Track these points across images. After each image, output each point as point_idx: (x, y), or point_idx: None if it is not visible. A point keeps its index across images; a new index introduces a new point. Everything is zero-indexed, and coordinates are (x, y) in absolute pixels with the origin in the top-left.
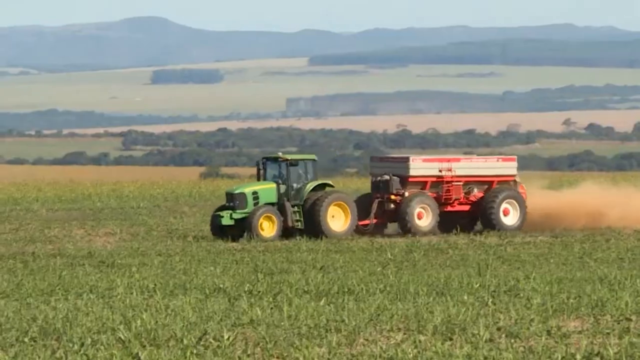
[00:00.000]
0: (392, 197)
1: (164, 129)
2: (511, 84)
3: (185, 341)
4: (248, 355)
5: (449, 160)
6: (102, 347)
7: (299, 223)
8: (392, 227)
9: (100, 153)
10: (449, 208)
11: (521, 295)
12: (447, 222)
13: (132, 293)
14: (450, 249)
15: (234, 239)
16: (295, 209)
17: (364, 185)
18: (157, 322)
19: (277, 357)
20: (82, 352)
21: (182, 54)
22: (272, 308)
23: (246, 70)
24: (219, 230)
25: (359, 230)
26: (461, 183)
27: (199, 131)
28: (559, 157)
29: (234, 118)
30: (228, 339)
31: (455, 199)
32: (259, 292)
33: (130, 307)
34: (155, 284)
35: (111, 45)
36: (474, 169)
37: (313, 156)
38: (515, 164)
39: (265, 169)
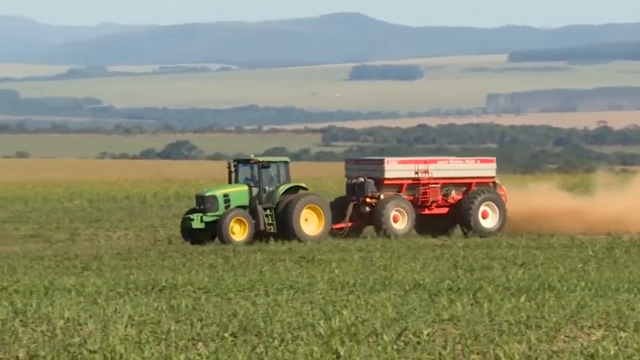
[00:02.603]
0: (368, 200)
1: (364, 124)
2: None
3: (385, 337)
4: (448, 352)
5: (425, 162)
6: (302, 343)
7: (272, 226)
8: (368, 230)
9: (301, 149)
10: (427, 211)
11: None
12: (426, 225)
13: (332, 289)
14: None
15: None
16: (268, 212)
17: (565, 181)
18: (356, 317)
19: (477, 354)
20: (282, 347)
21: (380, 50)
22: (472, 304)
23: (446, 67)
24: (189, 234)
25: (333, 234)
26: (439, 185)
27: (399, 127)
28: None
29: (434, 114)
30: (428, 335)
31: (433, 202)
32: (459, 288)
33: (330, 302)
34: (355, 280)
35: (310, 41)
36: (452, 170)
37: (286, 158)
38: (494, 165)
39: (237, 171)
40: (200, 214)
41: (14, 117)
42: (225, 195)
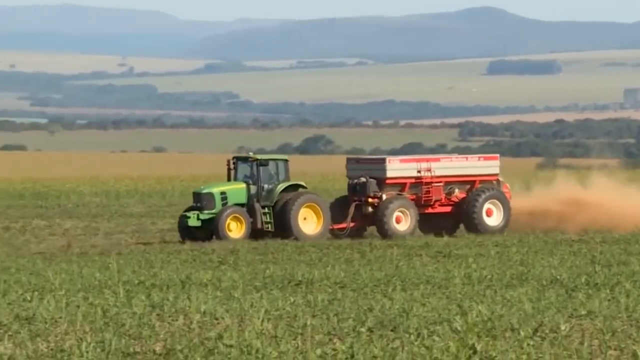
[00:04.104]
0: (370, 199)
1: (501, 119)
2: None
3: (521, 332)
4: (585, 347)
5: (427, 161)
6: (438, 338)
7: (269, 225)
8: (370, 230)
9: (437, 144)
10: (430, 210)
11: None
12: (429, 224)
13: (468, 284)
14: None
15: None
16: (266, 210)
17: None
18: (493, 313)
19: (614, 349)
20: (418, 342)
21: (518, 45)
22: (609, 300)
23: (584, 61)
24: (186, 232)
25: (335, 235)
26: (442, 184)
27: (536, 122)
28: None
29: (572, 109)
30: (565, 330)
31: (436, 201)
32: (597, 283)
33: (467, 297)
34: (492, 275)
35: (447, 35)
36: (455, 168)
37: (285, 156)
38: (498, 162)
39: (236, 169)
40: (197, 212)
41: (151, 112)
42: (223, 193)
